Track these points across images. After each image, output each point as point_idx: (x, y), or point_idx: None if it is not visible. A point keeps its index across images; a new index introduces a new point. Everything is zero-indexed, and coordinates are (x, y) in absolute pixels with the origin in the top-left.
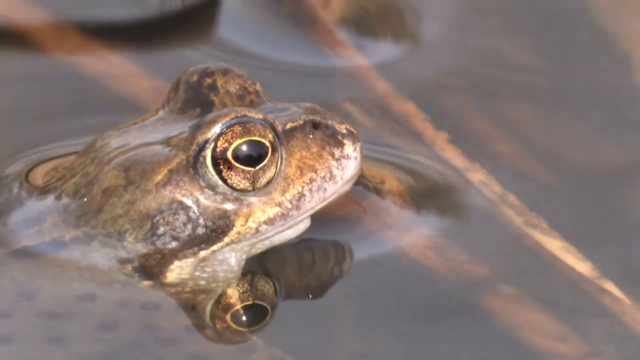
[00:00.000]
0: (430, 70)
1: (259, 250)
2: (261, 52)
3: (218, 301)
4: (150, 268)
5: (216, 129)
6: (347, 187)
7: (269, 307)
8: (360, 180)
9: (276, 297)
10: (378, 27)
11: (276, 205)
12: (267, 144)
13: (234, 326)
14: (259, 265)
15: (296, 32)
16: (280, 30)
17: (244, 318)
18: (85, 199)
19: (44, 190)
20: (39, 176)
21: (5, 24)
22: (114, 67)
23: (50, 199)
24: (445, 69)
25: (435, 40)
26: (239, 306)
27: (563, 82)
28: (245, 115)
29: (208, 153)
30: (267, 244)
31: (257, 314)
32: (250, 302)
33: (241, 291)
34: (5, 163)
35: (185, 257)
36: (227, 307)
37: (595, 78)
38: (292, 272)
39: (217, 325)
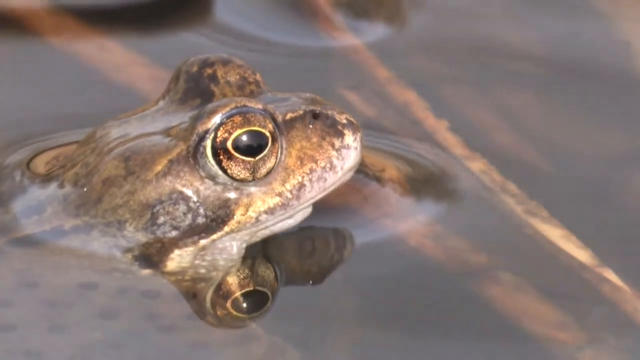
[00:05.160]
0: (430, 58)
1: (259, 239)
2: (259, 35)
3: (218, 289)
4: (151, 257)
5: (216, 119)
6: (347, 176)
7: (269, 294)
8: (361, 169)
9: (277, 284)
10: (374, 10)
11: (276, 195)
12: (267, 134)
13: (235, 313)
14: (260, 252)
15: (294, 15)
16: (278, 14)
17: (244, 304)
18: (85, 189)
19: (44, 179)
20: (40, 165)
21: (3, 11)
22: (113, 55)
23: (50, 188)
24: (444, 57)
25: (433, 26)
26: (239, 293)
27: (563, 70)
28: (245, 106)
29: (208, 143)
30: (267, 233)
31: (258, 300)
32: (251, 288)
33: (241, 278)
34: (4, 152)
35: (186, 245)
36: (228, 294)
37: (595, 66)
38: (292, 261)
39: (218, 313)
